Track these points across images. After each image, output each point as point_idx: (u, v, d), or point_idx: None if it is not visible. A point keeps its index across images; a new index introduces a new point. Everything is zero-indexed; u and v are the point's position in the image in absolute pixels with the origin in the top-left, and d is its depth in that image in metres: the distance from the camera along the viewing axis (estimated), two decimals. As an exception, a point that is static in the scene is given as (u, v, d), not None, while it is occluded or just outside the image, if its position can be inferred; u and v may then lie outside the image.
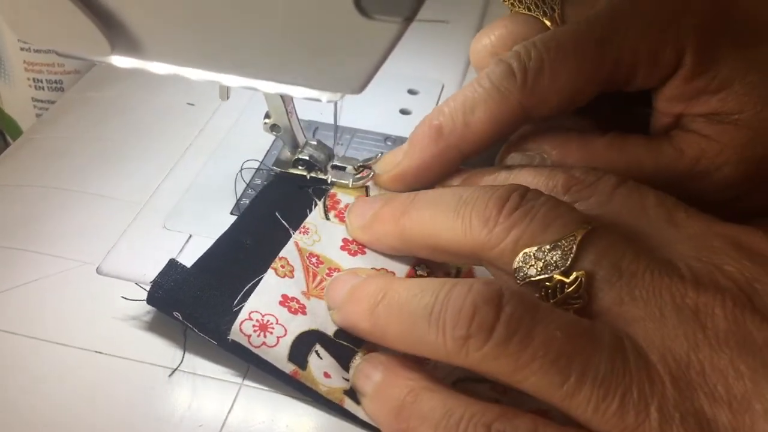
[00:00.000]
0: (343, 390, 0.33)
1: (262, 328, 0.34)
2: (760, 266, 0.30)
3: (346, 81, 0.28)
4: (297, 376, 0.33)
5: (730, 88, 0.37)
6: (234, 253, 0.38)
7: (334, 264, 0.38)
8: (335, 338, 0.34)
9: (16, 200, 0.43)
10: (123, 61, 0.30)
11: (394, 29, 0.25)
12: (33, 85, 0.57)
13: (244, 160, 0.44)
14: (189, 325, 0.34)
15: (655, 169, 0.38)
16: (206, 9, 0.26)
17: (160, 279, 0.35)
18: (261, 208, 0.41)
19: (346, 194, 0.42)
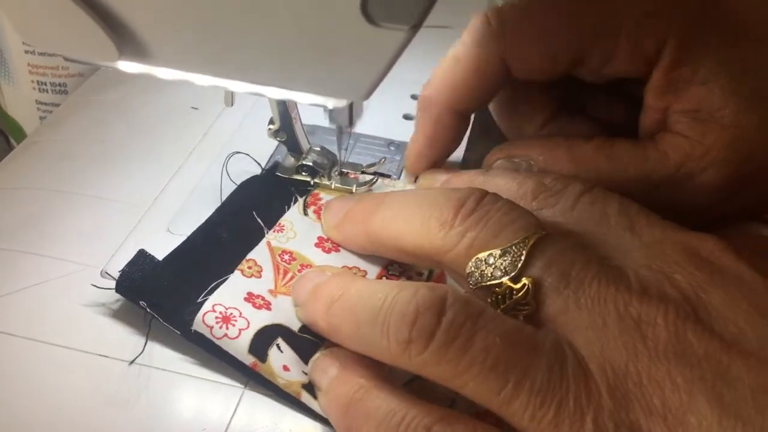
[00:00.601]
0: (301, 384, 0.33)
1: (225, 320, 0.34)
2: (709, 275, 0.30)
3: (351, 88, 0.28)
4: (256, 368, 0.34)
5: (714, 81, 0.36)
6: (208, 247, 0.38)
7: (307, 261, 0.39)
8: (300, 333, 0.35)
9: (19, 203, 0.43)
10: (130, 66, 0.30)
11: (400, 37, 0.25)
12: (37, 87, 0.57)
13: (237, 160, 0.44)
14: (154, 315, 0.35)
15: (640, 173, 0.38)
16: (213, 15, 0.27)
17: (128, 268, 0.36)
18: (240, 202, 0.42)
19: (329, 194, 0.43)
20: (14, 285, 0.38)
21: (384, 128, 0.50)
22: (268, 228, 0.40)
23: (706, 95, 0.36)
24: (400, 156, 0.48)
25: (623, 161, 0.38)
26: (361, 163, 0.44)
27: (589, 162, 0.38)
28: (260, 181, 0.43)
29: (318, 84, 0.28)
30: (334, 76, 0.27)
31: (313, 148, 0.43)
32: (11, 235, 0.41)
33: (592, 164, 0.38)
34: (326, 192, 0.43)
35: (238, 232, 0.39)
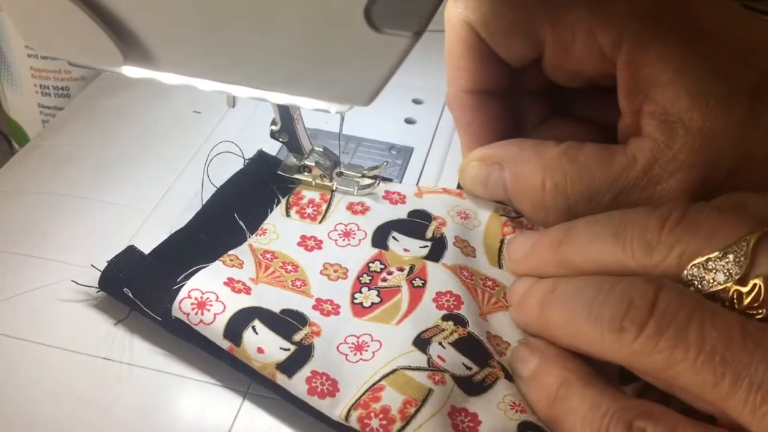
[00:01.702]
0: (275, 364, 0.33)
1: (200, 305, 0.35)
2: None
3: (354, 93, 0.28)
4: (233, 352, 0.34)
5: (680, 83, 0.36)
6: (187, 247, 0.39)
7: (289, 258, 0.39)
8: (281, 315, 0.35)
9: (22, 206, 0.43)
10: (134, 71, 0.30)
11: (403, 43, 0.25)
12: (40, 91, 0.57)
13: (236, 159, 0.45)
14: (138, 302, 0.35)
15: (607, 176, 0.37)
16: (217, 21, 0.27)
17: (116, 260, 0.37)
18: (221, 204, 0.42)
19: (310, 191, 0.43)
20: (17, 288, 0.38)
21: (386, 132, 0.50)
22: (250, 232, 0.40)
23: (674, 97, 0.36)
24: (402, 160, 0.48)
25: (590, 164, 0.38)
26: (362, 166, 0.45)
27: (556, 165, 0.38)
28: (241, 180, 0.44)
29: (322, 89, 0.28)
30: (337, 81, 0.28)
31: (316, 149, 0.44)
32: (14, 239, 0.41)
33: (559, 166, 0.38)
34: (308, 189, 0.43)
35: (219, 233, 0.40)
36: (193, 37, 0.27)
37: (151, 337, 0.36)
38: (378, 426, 0.31)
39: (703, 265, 0.30)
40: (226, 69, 0.29)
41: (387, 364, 0.33)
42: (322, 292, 0.38)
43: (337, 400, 0.32)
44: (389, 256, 0.40)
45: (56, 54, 0.30)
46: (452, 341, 0.34)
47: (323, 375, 0.33)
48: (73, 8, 0.27)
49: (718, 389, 0.27)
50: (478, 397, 0.33)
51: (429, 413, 0.31)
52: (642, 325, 0.28)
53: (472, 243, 0.41)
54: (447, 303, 0.36)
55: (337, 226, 0.41)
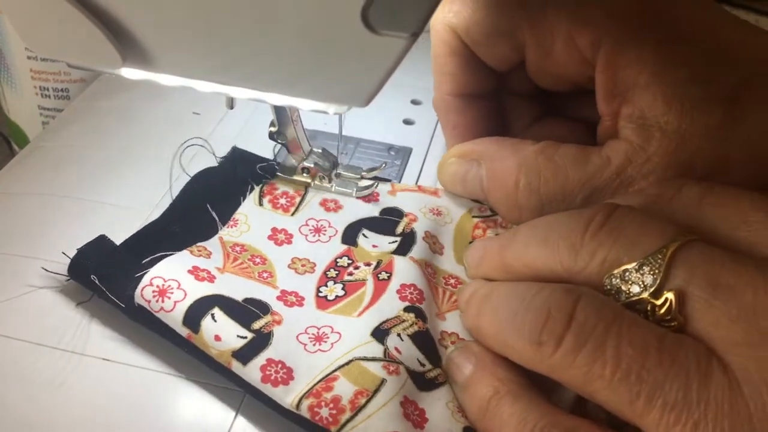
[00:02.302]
0: (231, 352, 0.34)
1: (161, 293, 0.35)
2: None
3: (352, 94, 0.28)
4: (191, 339, 0.34)
5: (656, 87, 0.36)
6: (159, 238, 0.39)
7: (258, 252, 0.40)
8: (243, 303, 0.35)
9: (22, 208, 0.43)
10: (133, 73, 0.30)
11: (401, 44, 0.25)
12: (39, 93, 0.57)
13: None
14: (103, 289, 0.36)
15: (581, 176, 0.37)
16: (216, 23, 0.27)
17: (86, 248, 0.38)
18: (194, 195, 0.42)
19: (285, 185, 0.44)
20: (17, 290, 0.38)
21: (384, 133, 0.51)
22: (222, 222, 0.41)
23: (651, 101, 0.36)
24: (401, 161, 0.48)
25: (564, 164, 0.38)
26: (361, 167, 0.45)
27: (531, 163, 0.38)
28: (214, 173, 0.44)
29: (319, 90, 0.28)
30: (335, 82, 0.28)
31: (314, 150, 0.44)
32: (14, 240, 0.41)
33: (534, 165, 0.38)
34: (283, 183, 0.44)
35: (191, 226, 0.40)
36: (192, 38, 0.27)
37: (152, 338, 0.36)
38: (327, 415, 0.31)
39: (621, 276, 0.29)
40: (224, 70, 0.29)
41: (344, 355, 0.34)
42: (287, 284, 0.38)
43: (290, 389, 0.32)
44: (357, 252, 0.40)
45: (55, 56, 0.30)
46: (411, 333, 0.35)
47: (279, 363, 0.33)
48: (72, 11, 0.27)
49: (634, 407, 0.26)
50: (428, 393, 0.33)
51: (380, 403, 0.31)
52: (560, 339, 0.28)
53: (441, 240, 0.41)
54: (410, 295, 0.37)
55: (309, 221, 0.42)
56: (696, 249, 0.28)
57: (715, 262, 0.28)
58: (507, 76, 0.44)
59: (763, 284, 0.26)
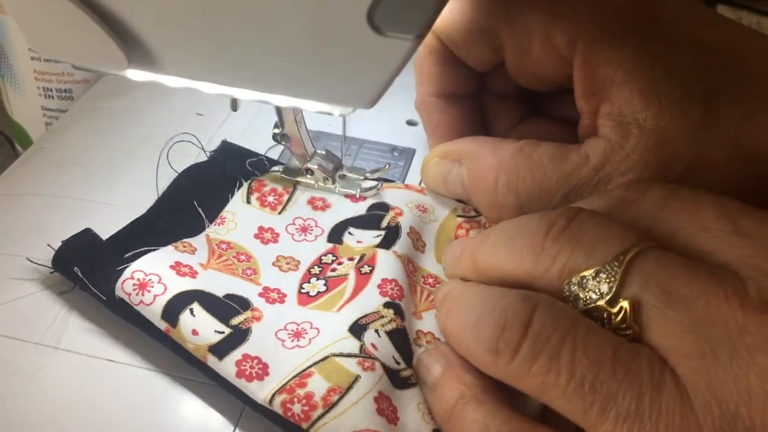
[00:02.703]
0: (208, 347, 0.34)
1: (142, 287, 0.35)
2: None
3: (357, 96, 0.28)
4: (169, 333, 0.34)
5: (633, 84, 0.35)
6: (145, 234, 0.39)
7: (244, 249, 0.40)
8: (224, 299, 0.36)
9: (26, 209, 0.43)
10: (138, 74, 0.30)
11: (406, 46, 0.25)
12: (43, 94, 0.57)
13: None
14: (85, 281, 0.36)
15: (559, 175, 0.37)
16: (221, 24, 0.27)
17: (71, 240, 0.38)
18: (182, 191, 0.43)
19: (274, 181, 0.44)
20: (21, 291, 0.38)
21: (388, 134, 0.51)
22: (210, 219, 0.41)
23: (628, 98, 0.35)
24: (404, 162, 0.48)
25: (543, 162, 0.37)
26: (365, 168, 0.45)
27: (510, 161, 0.38)
28: (203, 168, 0.44)
29: (324, 92, 0.28)
30: (340, 84, 0.28)
31: (318, 152, 0.44)
32: (18, 242, 0.41)
33: (513, 164, 0.38)
34: (271, 179, 0.44)
35: (177, 223, 0.41)
36: (197, 39, 0.27)
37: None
38: (299, 411, 0.31)
39: (579, 282, 0.29)
40: (229, 71, 0.29)
41: (320, 351, 0.34)
42: (270, 282, 0.38)
43: (264, 384, 0.33)
44: (342, 249, 0.40)
45: (61, 57, 0.30)
46: (388, 330, 0.35)
47: (255, 359, 0.33)
48: (77, 12, 0.27)
49: (587, 417, 0.26)
50: (402, 391, 0.33)
51: (353, 400, 0.32)
52: (516, 348, 0.28)
53: (424, 237, 0.41)
54: (391, 291, 0.37)
55: (296, 219, 0.42)
56: (652, 256, 0.28)
57: (670, 271, 0.27)
58: (489, 76, 0.44)
59: (715, 294, 0.26)
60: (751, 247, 0.27)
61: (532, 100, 0.45)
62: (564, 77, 0.39)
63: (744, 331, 0.25)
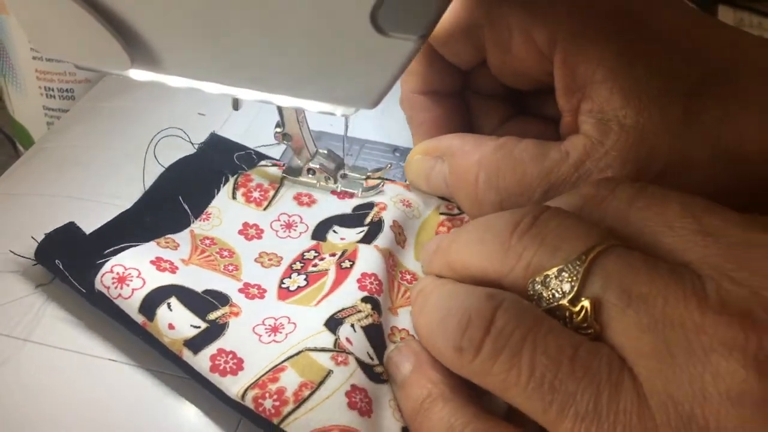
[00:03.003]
0: (183, 341, 0.34)
1: (120, 280, 0.35)
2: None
3: (360, 96, 0.28)
4: (146, 327, 0.35)
5: (613, 81, 0.35)
6: (129, 228, 0.39)
7: (228, 246, 0.40)
8: (203, 294, 0.36)
9: (28, 209, 0.43)
10: (140, 74, 0.30)
11: (409, 47, 0.25)
12: (44, 93, 0.57)
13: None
14: (66, 274, 0.36)
15: (539, 171, 0.37)
16: (224, 24, 0.27)
17: (54, 233, 0.38)
18: (168, 186, 0.43)
19: (260, 176, 0.44)
20: (24, 290, 0.38)
21: (389, 134, 0.51)
22: (195, 215, 0.41)
23: (608, 95, 0.35)
24: (405, 162, 0.48)
25: (523, 158, 0.37)
26: (367, 168, 0.45)
27: (491, 158, 0.38)
28: (191, 161, 0.44)
29: (327, 92, 0.28)
30: (343, 84, 0.28)
31: (320, 152, 0.44)
32: (20, 242, 0.41)
33: (493, 160, 0.38)
34: (258, 174, 0.44)
35: (163, 218, 0.41)
36: (199, 40, 0.27)
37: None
38: (271, 407, 0.31)
39: (542, 281, 0.28)
40: (231, 72, 0.29)
41: (295, 345, 0.34)
42: (251, 278, 0.38)
43: (237, 379, 0.33)
44: (325, 245, 0.41)
45: (63, 57, 0.30)
46: (364, 325, 0.35)
47: (230, 353, 0.33)
48: (80, 12, 0.27)
49: (547, 416, 0.26)
50: (377, 385, 0.33)
51: (324, 396, 0.32)
52: (479, 346, 0.28)
53: (406, 232, 0.41)
54: (370, 285, 0.37)
55: (281, 216, 0.42)
56: (615, 255, 0.27)
57: (632, 269, 0.27)
58: (474, 75, 0.43)
59: (674, 293, 0.26)
60: (714, 246, 0.27)
61: (518, 99, 0.45)
62: (546, 75, 0.39)
63: (700, 331, 0.25)
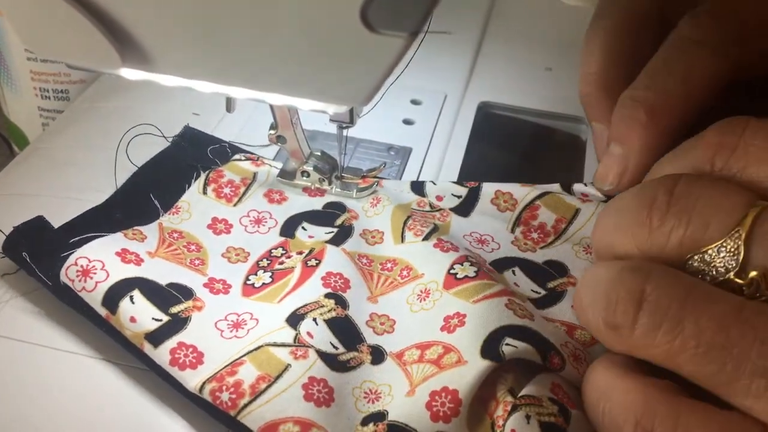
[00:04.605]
0: (144, 334, 0.34)
1: (84, 273, 0.36)
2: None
3: (352, 93, 0.28)
4: (109, 319, 0.35)
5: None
6: (99, 223, 0.40)
7: (195, 239, 0.40)
8: (167, 287, 0.36)
9: (23, 209, 0.43)
10: (132, 73, 0.30)
11: (400, 43, 0.25)
12: (39, 94, 0.57)
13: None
14: (33, 266, 0.37)
15: None
16: (215, 23, 0.27)
17: (22, 227, 0.38)
18: (140, 183, 0.43)
19: (232, 171, 0.44)
20: (19, 289, 0.38)
21: (384, 133, 0.51)
22: (165, 210, 0.41)
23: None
24: (400, 160, 0.48)
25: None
26: (362, 168, 0.45)
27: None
28: (164, 157, 0.45)
29: (319, 90, 0.28)
30: (334, 82, 0.28)
31: (314, 153, 0.44)
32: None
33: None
34: (230, 170, 0.44)
35: (133, 213, 0.41)
36: (191, 38, 0.27)
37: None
38: (227, 399, 0.31)
39: (701, 260, 0.28)
40: (223, 70, 0.29)
41: (255, 341, 0.34)
42: (217, 273, 0.39)
43: (196, 372, 0.33)
44: (293, 243, 0.41)
45: (55, 57, 0.30)
46: (327, 318, 0.35)
47: (191, 347, 0.34)
48: (70, 11, 0.27)
49: (720, 378, 0.26)
50: (339, 374, 0.33)
51: (281, 388, 0.32)
52: (634, 321, 0.28)
53: (381, 228, 0.41)
54: (334, 283, 0.37)
55: (251, 212, 0.42)
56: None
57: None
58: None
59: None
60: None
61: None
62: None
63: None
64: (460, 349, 0.33)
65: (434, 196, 0.43)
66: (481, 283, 0.36)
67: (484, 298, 0.35)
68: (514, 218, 0.41)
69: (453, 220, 0.42)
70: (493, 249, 0.40)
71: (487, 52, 0.61)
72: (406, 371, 0.33)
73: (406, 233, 0.40)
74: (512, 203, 0.42)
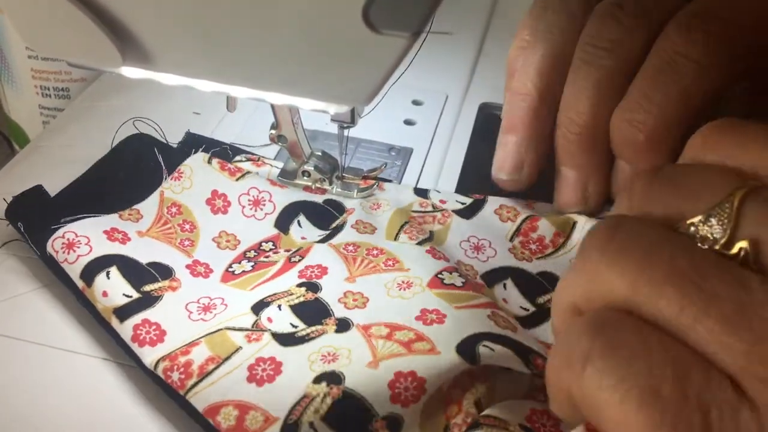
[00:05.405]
0: (113, 309, 0.35)
1: (69, 246, 0.37)
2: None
3: (353, 93, 0.28)
4: (84, 291, 0.36)
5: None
6: (102, 186, 0.41)
7: (191, 218, 0.40)
8: (146, 266, 0.37)
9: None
10: (133, 72, 0.30)
11: (402, 43, 0.25)
12: (40, 92, 0.57)
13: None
14: (25, 235, 0.38)
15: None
16: (216, 21, 0.27)
17: (21, 196, 0.40)
18: (142, 143, 0.44)
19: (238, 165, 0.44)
20: (18, 288, 0.38)
21: (385, 133, 0.50)
22: (169, 171, 0.42)
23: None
24: (401, 161, 0.48)
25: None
26: (362, 168, 0.45)
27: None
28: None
29: (320, 90, 0.28)
30: (336, 82, 0.28)
31: (315, 153, 0.44)
32: (16, 241, 0.41)
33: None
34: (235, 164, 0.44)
35: (138, 171, 0.42)
36: (192, 37, 0.27)
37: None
38: (177, 379, 0.32)
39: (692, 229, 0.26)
40: (224, 69, 0.29)
41: (217, 324, 0.34)
42: (203, 256, 0.39)
43: (155, 350, 0.33)
44: (284, 240, 0.41)
45: (55, 55, 0.30)
46: (293, 304, 0.35)
47: (154, 324, 0.34)
48: (72, 9, 0.27)
49: (683, 317, 0.24)
50: (292, 347, 0.33)
51: (226, 370, 0.32)
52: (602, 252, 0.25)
53: (374, 224, 0.41)
54: (310, 273, 0.37)
55: (251, 190, 0.42)
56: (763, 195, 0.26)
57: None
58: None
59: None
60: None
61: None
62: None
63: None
64: (434, 340, 0.32)
65: (438, 199, 0.43)
66: (467, 293, 0.35)
67: (467, 306, 0.34)
68: (514, 228, 0.41)
69: (454, 220, 0.42)
70: (488, 257, 0.40)
71: (489, 52, 0.61)
72: (370, 343, 0.33)
73: (400, 235, 0.40)
74: (514, 214, 0.42)
